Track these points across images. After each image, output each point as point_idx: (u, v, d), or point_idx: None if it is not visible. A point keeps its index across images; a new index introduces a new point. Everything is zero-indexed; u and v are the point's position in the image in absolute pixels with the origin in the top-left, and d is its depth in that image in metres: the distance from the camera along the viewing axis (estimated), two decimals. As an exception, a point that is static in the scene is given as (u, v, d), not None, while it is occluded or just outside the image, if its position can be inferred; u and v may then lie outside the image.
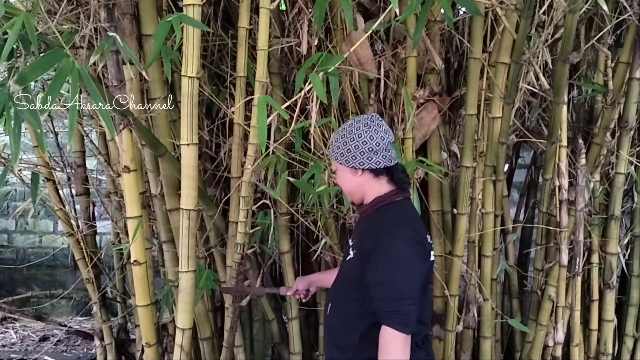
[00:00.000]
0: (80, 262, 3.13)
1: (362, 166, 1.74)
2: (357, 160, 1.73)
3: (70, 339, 4.37)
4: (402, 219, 1.77)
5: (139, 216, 2.01)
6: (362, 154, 1.72)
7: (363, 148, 1.71)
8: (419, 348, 1.76)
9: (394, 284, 1.65)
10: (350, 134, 1.74)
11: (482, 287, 2.60)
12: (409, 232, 1.72)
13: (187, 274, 1.99)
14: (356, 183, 1.79)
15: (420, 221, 1.86)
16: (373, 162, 1.72)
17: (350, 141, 1.73)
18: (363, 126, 1.73)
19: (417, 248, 1.71)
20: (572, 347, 2.56)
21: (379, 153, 1.72)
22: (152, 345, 2.14)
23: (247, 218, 2.23)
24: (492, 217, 2.59)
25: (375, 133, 1.72)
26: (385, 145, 1.73)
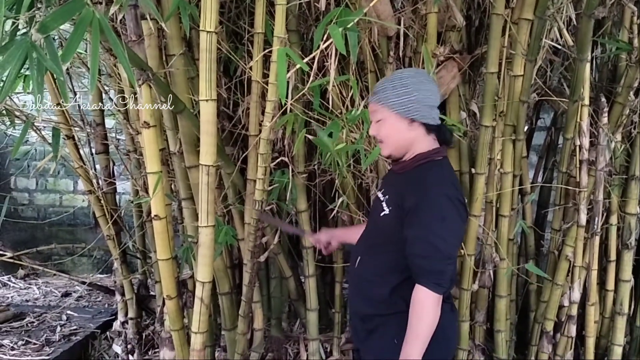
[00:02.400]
0: (101, 219, 3.18)
1: (422, 119, 1.69)
2: (419, 112, 1.68)
3: (91, 295, 4.47)
4: (445, 178, 1.73)
5: (159, 171, 2.02)
6: (424, 107, 1.68)
7: (425, 101, 1.68)
8: (445, 303, 1.75)
9: (436, 242, 1.62)
10: (412, 83, 1.68)
11: (499, 246, 2.60)
12: (453, 191, 1.69)
13: (207, 229, 2.02)
14: (408, 136, 1.73)
15: (458, 182, 1.87)
16: (431, 117, 1.70)
17: (416, 92, 1.68)
18: (425, 79, 1.70)
19: (460, 208, 1.68)
20: (587, 307, 2.57)
21: (433, 110, 1.70)
22: (173, 298, 2.19)
23: (265, 175, 2.24)
24: (510, 177, 2.58)
25: (436, 91, 1.70)
26: (436, 103, 1.71)
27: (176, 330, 2.25)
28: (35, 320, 3.61)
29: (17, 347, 3.16)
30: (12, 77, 1.12)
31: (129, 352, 3.21)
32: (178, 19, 2.15)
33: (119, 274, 3.26)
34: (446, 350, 1.82)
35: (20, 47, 1.13)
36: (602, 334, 2.86)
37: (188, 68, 2.31)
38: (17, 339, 3.26)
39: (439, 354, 1.73)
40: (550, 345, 2.71)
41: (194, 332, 2.07)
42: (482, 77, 2.70)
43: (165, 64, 2.24)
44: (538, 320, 2.79)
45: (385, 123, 1.76)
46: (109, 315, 3.70)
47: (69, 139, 3.06)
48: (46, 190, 5.20)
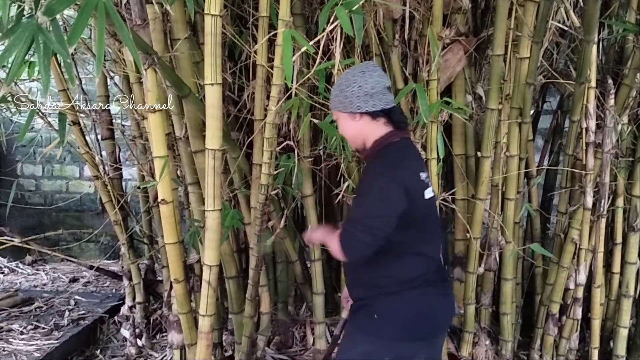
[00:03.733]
0: (107, 205, 3.20)
1: (359, 110, 1.78)
2: (354, 104, 1.78)
3: (99, 280, 4.51)
4: (393, 160, 1.78)
5: (165, 156, 2.03)
6: (359, 98, 1.76)
7: (359, 92, 1.76)
8: (429, 286, 1.83)
9: (363, 209, 1.76)
10: (346, 81, 1.79)
11: (505, 229, 2.61)
12: (397, 172, 1.75)
13: (214, 213, 2.02)
14: (356, 128, 1.83)
15: (415, 159, 1.88)
16: (369, 105, 1.77)
17: (347, 87, 1.78)
18: (358, 72, 1.79)
19: (396, 190, 1.72)
20: (593, 289, 2.58)
21: (374, 96, 1.76)
22: (181, 282, 2.20)
23: (271, 159, 2.24)
24: (516, 160, 2.58)
25: (370, 77, 1.77)
26: (380, 89, 1.77)
27: (184, 313, 2.27)
28: (44, 305, 3.64)
29: (26, 331, 3.20)
30: (19, 60, 1.12)
31: (137, 336, 3.24)
32: (183, 2, 2.15)
33: (126, 259, 3.28)
34: (427, 327, 1.85)
35: (27, 30, 1.14)
36: (607, 316, 2.87)
37: (193, 52, 2.31)
38: (26, 323, 3.29)
39: (419, 329, 1.82)
40: (556, 327, 2.73)
41: (202, 315, 2.08)
42: (488, 60, 2.69)
43: (170, 48, 2.23)
44: (544, 303, 2.80)
45: (339, 123, 1.89)
46: (116, 300, 3.73)
47: (75, 124, 3.07)
48: (52, 176, 5.22)
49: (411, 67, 2.59)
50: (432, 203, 1.87)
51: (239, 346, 2.65)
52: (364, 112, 1.78)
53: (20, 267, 4.90)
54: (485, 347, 2.79)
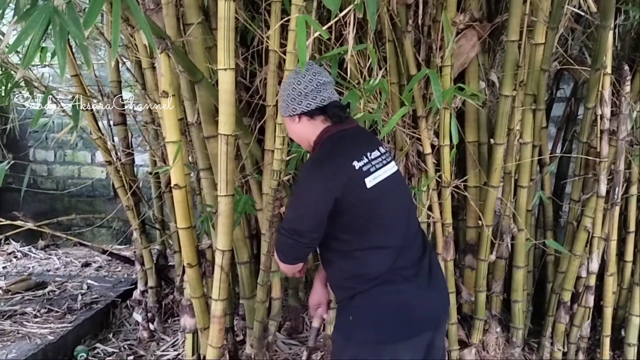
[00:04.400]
0: (120, 190, 3.21)
1: (295, 112, 1.76)
2: (289, 107, 1.77)
3: (111, 265, 4.54)
4: (321, 156, 1.75)
5: (178, 141, 2.03)
6: (293, 100, 1.75)
7: (293, 94, 1.75)
8: (404, 281, 1.71)
9: (289, 213, 1.82)
10: (284, 85, 1.80)
11: (517, 217, 2.60)
12: (320, 170, 1.71)
13: (226, 198, 2.03)
14: (298, 130, 1.82)
15: (349, 149, 1.74)
16: (304, 105, 1.74)
17: (283, 91, 1.79)
18: (292, 74, 1.78)
19: (321, 187, 1.68)
20: (606, 277, 2.56)
21: (308, 95, 1.73)
22: (194, 266, 2.21)
23: (284, 145, 2.24)
24: (530, 148, 2.56)
25: (302, 77, 1.74)
26: (314, 87, 1.73)
27: (197, 297, 2.28)
28: (57, 289, 3.68)
29: (39, 315, 3.24)
30: (35, 42, 1.12)
31: (150, 320, 3.27)
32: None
33: (138, 244, 3.31)
34: (406, 326, 1.72)
35: (43, 13, 1.14)
36: (619, 304, 2.86)
37: (205, 37, 2.30)
38: (39, 307, 3.33)
39: (398, 329, 1.71)
40: (567, 315, 2.72)
41: (215, 300, 2.10)
42: (502, 46, 2.66)
43: (183, 33, 2.23)
44: (555, 291, 2.80)
45: (286, 127, 1.92)
46: (128, 284, 3.76)
47: (87, 110, 3.08)
48: (65, 162, 5.25)
49: (424, 53, 2.57)
50: (384, 189, 1.72)
51: (250, 331, 2.67)
52: (300, 114, 1.76)
53: (33, 252, 4.95)
54: (496, 335, 2.79)
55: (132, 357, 3.01)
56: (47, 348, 2.83)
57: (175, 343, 3.15)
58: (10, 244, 5.09)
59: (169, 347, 3.13)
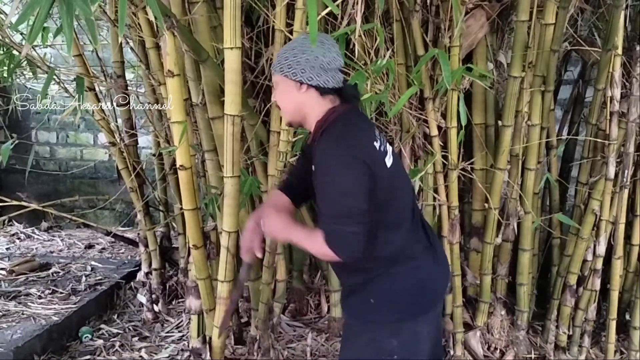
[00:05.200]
0: (123, 172, 3.20)
1: (309, 81, 1.60)
2: (305, 74, 1.60)
3: (114, 247, 4.54)
4: (344, 134, 1.60)
5: (183, 121, 2.01)
6: (313, 69, 1.59)
7: (314, 63, 1.59)
8: (419, 257, 1.70)
9: (334, 200, 1.58)
10: (302, 47, 1.62)
11: (524, 200, 2.58)
12: (350, 148, 1.57)
13: (232, 179, 2.01)
14: (298, 101, 1.65)
15: (366, 129, 1.67)
16: (322, 79, 1.60)
17: (302, 54, 1.60)
18: (320, 42, 1.61)
19: (358, 164, 1.55)
20: (614, 260, 2.55)
21: (329, 72, 1.60)
22: (199, 248, 2.20)
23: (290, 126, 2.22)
24: (538, 130, 2.53)
25: (329, 51, 1.60)
26: (336, 66, 1.62)
27: (202, 279, 2.27)
28: (61, 270, 3.68)
29: (44, 295, 3.23)
30: (41, 16, 1.10)
31: (154, 302, 3.27)
32: (201, -36, 2.10)
33: (142, 225, 3.29)
34: (425, 301, 1.73)
35: (49, -13, 1.11)
36: (625, 288, 2.85)
37: (210, 15, 2.27)
38: (44, 288, 3.32)
39: (419, 305, 1.70)
40: (573, 298, 2.72)
41: (221, 281, 2.09)
42: (510, 27, 2.62)
43: (188, 12, 2.20)
44: (561, 274, 2.79)
45: (278, 89, 1.69)
46: (132, 266, 3.76)
47: (90, 90, 3.05)
48: (67, 143, 5.23)
49: (432, 33, 2.53)
50: (396, 169, 1.68)
51: (255, 312, 2.67)
52: (314, 85, 1.61)
53: (36, 233, 4.95)
54: (500, 317, 2.79)
55: (137, 338, 3.02)
56: (52, 329, 2.83)
57: (180, 324, 3.15)
58: (13, 226, 5.09)
59: (173, 328, 3.13)
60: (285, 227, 1.72)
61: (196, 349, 2.52)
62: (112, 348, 2.90)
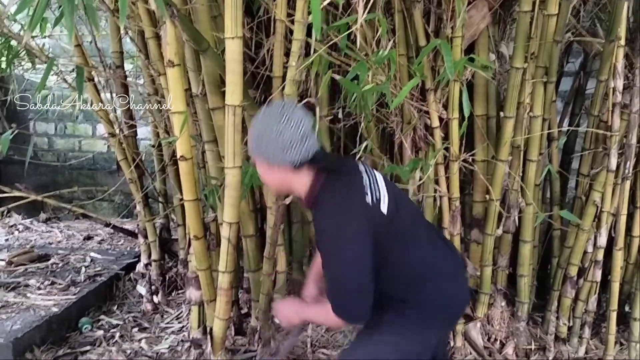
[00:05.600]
0: (122, 163, 3.18)
1: (278, 162, 1.60)
2: (272, 157, 1.60)
3: (113, 238, 4.53)
4: (334, 202, 1.63)
5: (184, 111, 1.99)
6: (275, 150, 1.58)
7: (275, 144, 1.57)
8: (446, 278, 1.76)
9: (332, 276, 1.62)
10: (262, 129, 1.60)
11: (526, 191, 2.57)
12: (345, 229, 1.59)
13: (234, 170, 2.00)
14: (277, 178, 1.67)
15: (354, 187, 1.67)
16: (288, 157, 1.58)
17: (262, 138, 1.59)
18: (274, 119, 1.58)
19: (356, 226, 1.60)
20: (615, 252, 2.55)
21: (293, 148, 1.56)
22: (200, 239, 2.19)
23: (291, 116, 2.20)
24: (540, 121, 2.52)
25: (287, 127, 1.55)
26: (299, 137, 1.56)
27: (203, 270, 2.27)
28: (60, 261, 3.67)
29: (43, 287, 3.22)
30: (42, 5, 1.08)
31: (153, 293, 3.27)
32: (201, -47, 2.08)
33: (141, 216, 3.28)
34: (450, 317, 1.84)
35: (49, -26, 1.10)
36: (625, 279, 2.85)
37: (211, 4, 2.25)
38: (43, 279, 3.31)
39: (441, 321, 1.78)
40: (573, 290, 2.72)
41: (222, 272, 2.09)
42: (513, 17, 2.61)
43: (189, 1, 2.18)
44: (561, 266, 2.79)
45: (258, 169, 1.72)
46: (131, 257, 3.75)
47: (89, 81, 3.03)
48: (65, 134, 5.21)
49: (434, 24, 2.52)
50: (395, 206, 1.68)
51: (255, 304, 2.66)
52: (282, 165, 1.60)
53: (34, 225, 4.94)
54: (501, 309, 2.80)
55: (137, 329, 3.01)
56: (52, 319, 2.82)
57: (180, 315, 3.15)
58: (11, 217, 5.07)
59: (173, 319, 3.13)
60: (297, 311, 1.81)
61: (197, 339, 2.52)
62: (112, 339, 2.90)
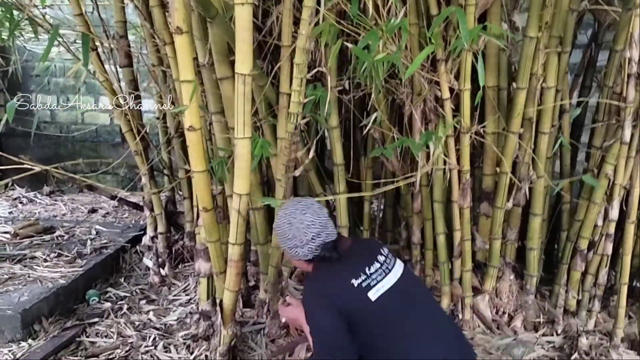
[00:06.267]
0: (127, 135, 3.14)
1: (295, 257, 1.92)
2: (291, 251, 1.91)
3: (117, 211, 4.52)
4: (317, 276, 1.91)
5: (192, 80, 1.95)
6: (291, 249, 1.90)
7: (290, 244, 1.89)
8: None
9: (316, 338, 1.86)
10: (281, 228, 1.91)
11: (538, 163, 2.54)
12: (318, 288, 1.86)
13: (243, 141, 1.97)
14: (300, 265, 1.99)
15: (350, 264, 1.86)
16: (301, 254, 1.89)
17: (281, 237, 1.92)
18: (286, 224, 1.89)
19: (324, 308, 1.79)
20: (627, 224, 2.50)
21: (304, 247, 1.87)
22: (209, 210, 2.17)
23: (301, 87, 2.16)
24: (553, 92, 2.48)
25: (298, 231, 1.86)
26: (309, 239, 1.86)
27: (212, 242, 2.25)
28: (65, 234, 3.66)
29: (49, 259, 3.22)
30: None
31: (160, 266, 3.26)
32: None
33: (147, 189, 3.26)
34: None
35: None
36: (635, 252, 2.83)
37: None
38: (49, 251, 3.31)
39: None
40: (583, 263, 2.69)
41: (232, 244, 2.07)
42: (526, -15, 2.55)
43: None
44: (571, 239, 2.77)
45: None
46: (137, 230, 3.74)
47: (93, 50, 2.98)
48: (67, 107, 5.16)
49: (446, -9, 2.46)
50: (388, 298, 1.80)
51: (264, 276, 2.65)
52: (299, 259, 1.92)
53: (38, 198, 4.93)
54: (509, 282, 2.79)
55: (145, 301, 3.01)
56: (59, 291, 2.82)
57: (187, 288, 3.15)
58: (15, 190, 5.06)
59: (181, 291, 3.13)
60: (302, 318, 1.98)
61: (206, 311, 2.52)
62: (120, 311, 2.90)
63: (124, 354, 2.50)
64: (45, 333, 2.60)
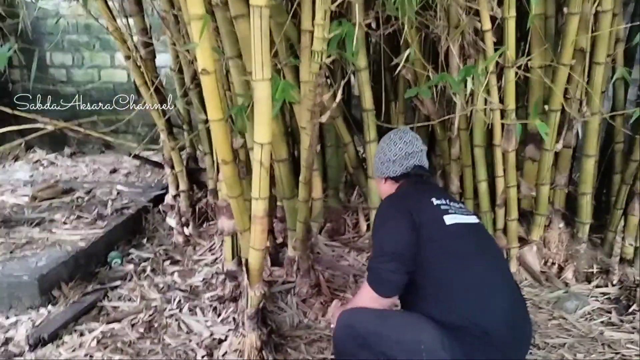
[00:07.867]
0: (142, 88, 2.95)
1: (383, 175, 1.94)
2: (379, 170, 1.96)
3: (139, 171, 4.39)
4: (400, 192, 1.89)
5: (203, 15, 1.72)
6: (382, 164, 1.94)
7: (383, 158, 1.93)
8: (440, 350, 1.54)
9: (375, 243, 1.82)
10: (377, 150, 2.00)
11: (593, 97, 2.28)
12: (397, 203, 1.82)
13: (263, 83, 1.74)
14: (384, 190, 1.96)
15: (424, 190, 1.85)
16: (391, 170, 1.91)
17: (376, 154, 1.99)
18: (386, 139, 1.96)
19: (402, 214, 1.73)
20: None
21: (396, 162, 1.90)
22: (229, 163, 1.97)
23: (325, 20, 1.93)
24: (609, 17, 2.20)
25: (394, 145, 1.91)
26: (402, 155, 1.89)
27: (234, 197, 2.05)
28: (85, 195, 3.53)
29: (69, 221, 3.09)
30: None
31: (184, 225, 3.11)
32: None
33: (166, 145, 3.08)
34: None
35: None
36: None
37: None
38: (68, 213, 3.18)
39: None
40: (641, 207, 2.46)
41: (255, 199, 1.87)
42: None
43: None
44: (626, 182, 2.53)
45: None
46: (159, 189, 3.59)
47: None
48: (83, 65, 4.99)
49: None
50: (462, 229, 1.72)
51: (292, 233, 2.48)
52: (387, 177, 1.93)
53: (58, 160, 4.83)
54: (558, 230, 2.58)
55: (169, 262, 2.88)
56: (79, 255, 2.68)
57: (212, 247, 3.00)
58: (35, 152, 4.96)
59: (206, 251, 2.99)
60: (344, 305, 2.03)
61: (231, 271, 2.37)
62: (144, 273, 2.76)
63: (148, 318, 2.36)
64: (65, 299, 2.47)
